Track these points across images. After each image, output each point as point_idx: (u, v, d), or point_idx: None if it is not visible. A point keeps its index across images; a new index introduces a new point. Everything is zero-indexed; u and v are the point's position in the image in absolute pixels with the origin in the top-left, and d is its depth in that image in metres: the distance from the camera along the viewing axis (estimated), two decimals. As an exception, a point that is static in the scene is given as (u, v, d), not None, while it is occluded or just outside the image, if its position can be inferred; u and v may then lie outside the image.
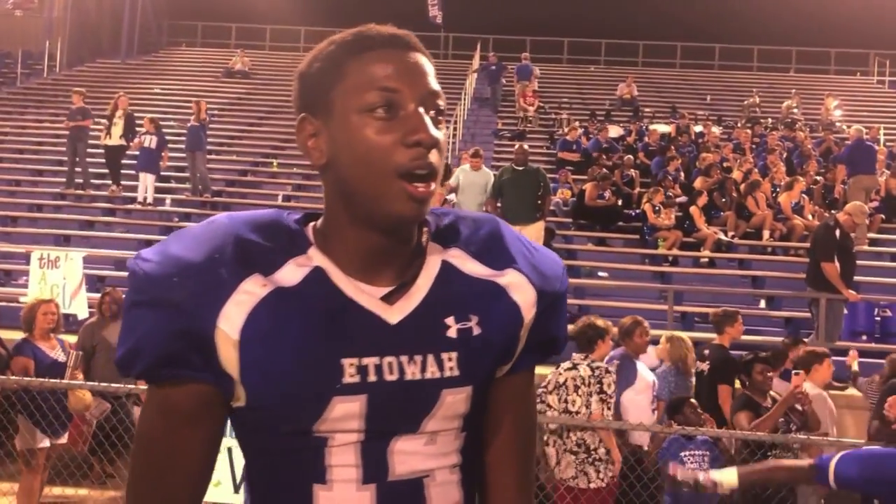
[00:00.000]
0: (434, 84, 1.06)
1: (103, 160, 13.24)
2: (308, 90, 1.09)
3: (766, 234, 11.67)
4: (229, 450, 4.83)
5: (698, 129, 16.65)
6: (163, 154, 12.85)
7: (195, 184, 13.25)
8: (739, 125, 17.52)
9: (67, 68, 22.29)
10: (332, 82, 1.05)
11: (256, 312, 1.00)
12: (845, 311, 8.42)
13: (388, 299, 1.06)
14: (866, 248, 11.51)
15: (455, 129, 16.27)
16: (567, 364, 4.89)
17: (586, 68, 24.37)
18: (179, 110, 17.27)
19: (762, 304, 10.26)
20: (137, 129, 12.89)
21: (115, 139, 12.75)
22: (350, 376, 1.02)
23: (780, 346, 6.51)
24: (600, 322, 5.08)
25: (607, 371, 4.79)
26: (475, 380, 1.09)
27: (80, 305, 7.78)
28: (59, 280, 7.78)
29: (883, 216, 12.59)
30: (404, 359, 1.05)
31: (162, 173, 13.30)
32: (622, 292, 10.40)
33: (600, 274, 10.93)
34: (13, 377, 4.89)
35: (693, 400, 4.91)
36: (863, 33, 24.83)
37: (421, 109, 1.03)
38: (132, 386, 5.33)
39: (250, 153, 16.34)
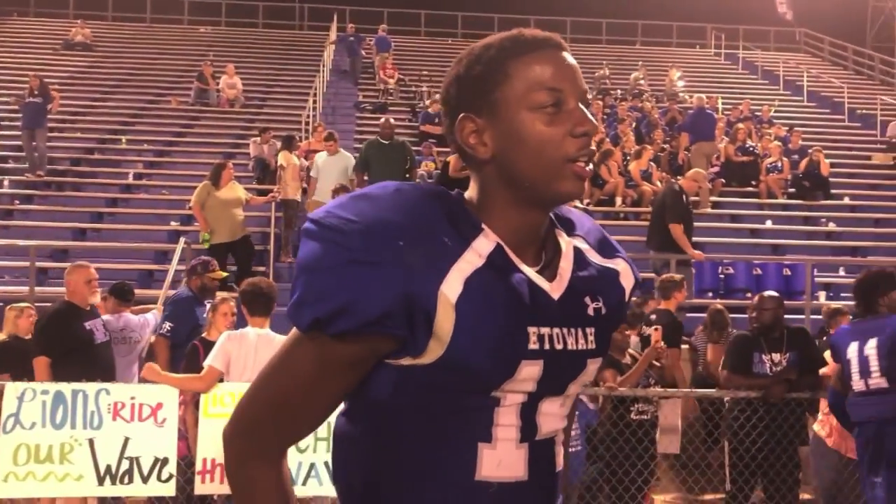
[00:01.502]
0: (583, 82, 1.18)
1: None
2: (469, 91, 1.17)
3: (618, 200, 12.21)
4: (91, 441, 4.62)
5: (553, 100, 17.08)
6: None
7: (33, 162, 12.23)
8: (591, 97, 18.16)
9: None
10: (497, 83, 1.15)
11: (472, 280, 1.08)
12: (693, 271, 8.93)
13: (544, 276, 1.18)
14: (709, 210, 12.29)
15: (315, 102, 16.00)
16: None
17: (444, 41, 24.51)
18: (13, 86, 16.06)
19: (618, 267, 10.73)
20: None
21: None
22: (533, 343, 1.13)
23: (633, 306, 6.82)
24: None
25: None
26: (604, 352, 1.26)
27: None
28: None
29: (723, 180, 13.45)
30: (565, 331, 1.17)
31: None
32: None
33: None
34: None
35: None
36: (701, 8, 26.24)
37: (581, 105, 1.15)
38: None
39: (96, 129, 15.43)
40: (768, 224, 12.52)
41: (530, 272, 1.16)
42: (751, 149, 13.89)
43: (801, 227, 12.59)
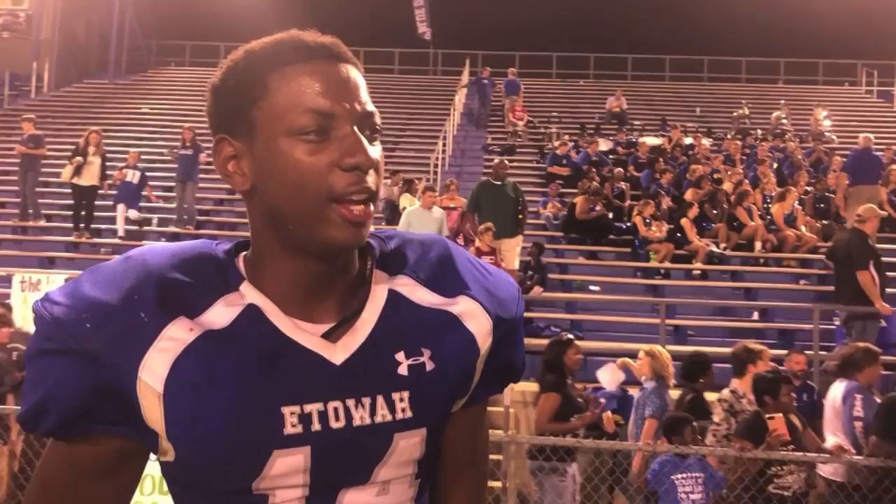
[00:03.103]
0: (368, 101, 0.96)
1: (68, 198, 12.39)
2: (224, 107, 0.98)
3: (758, 245, 11.59)
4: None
5: (688, 141, 16.62)
6: (146, 188, 12.48)
7: (181, 214, 12.73)
8: (729, 136, 17.50)
9: (55, 89, 22.18)
10: (253, 99, 0.94)
11: (182, 360, 0.90)
12: (883, 324, 7.79)
13: (331, 336, 0.96)
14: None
15: (445, 145, 16.20)
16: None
17: (575, 82, 24.38)
18: (168, 132, 17.16)
19: (755, 315, 10.15)
20: (108, 171, 12.26)
21: (90, 179, 11.88)
22: (291, 426, 0.92)
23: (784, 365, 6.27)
24: (754, 346, 5.17)
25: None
26: (430, 420, 1.00)
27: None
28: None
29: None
30: (351, 402, 0.95)
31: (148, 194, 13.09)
32: (614, 306, 10.29)
33: (592, 288, 10.82)
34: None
35: (694, 422, 4.75)
36: (851, 44, 24.90)
37: (356, 129, 0.93)
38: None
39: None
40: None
41: (299, 335, 0.94)
42: (907, 192, 12.89)
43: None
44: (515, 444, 4.23)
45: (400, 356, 0.98)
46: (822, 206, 12.75)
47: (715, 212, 12.13)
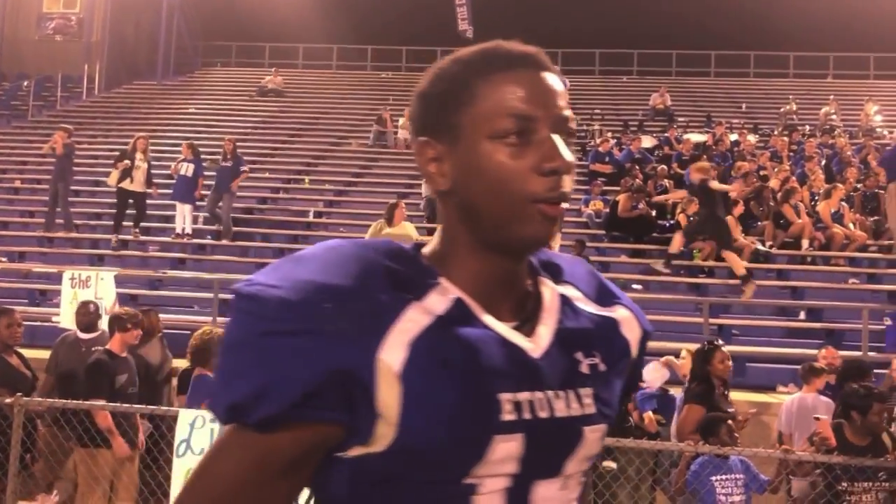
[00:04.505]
0: (566, 107, 1.02)
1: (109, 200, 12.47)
2: (430, 112, 1.03)
3: (805, 243, 11.39)
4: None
5: (734, 137, 16.38)
6: (199, 181, 12.31)
7: (216, 218, 12.73)
8: (776, 133, 17.20)
9: (105, 90, 22.72)
10: (459, 105, 1.00)
11: (420, 342, 0.92)
12: None
13: (522, 332, 1.01)
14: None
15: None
16: None
17: (618, 79, 24.19)
18: (214, 129, 17.46)
19: (802, 315, 9.98)
20: (155, 177, 12.31)
21: (139, 184, 12.02)
22: (508, 413, 0.95)
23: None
24: None
25: None
26: (608, 417, 1.06)
27: (111, 325, 7.78)
28: (92, 299, 7.78)
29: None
30: (551, 394, 0.99)
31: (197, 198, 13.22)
32: (657, 305, 10.20)
33: (634, 286, 10.74)
34: (37, 398, 4.88)
35: (731, 421, 4.66)
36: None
37: (554, 135, 0.99)
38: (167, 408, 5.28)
39: (282, 170, 16.43)
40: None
41: (502, 328, 0.98)
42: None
43: None
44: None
45: (579, 356, 1.03)
46: (872, 203, 12.47)
47: (761, 209, 11.95)
